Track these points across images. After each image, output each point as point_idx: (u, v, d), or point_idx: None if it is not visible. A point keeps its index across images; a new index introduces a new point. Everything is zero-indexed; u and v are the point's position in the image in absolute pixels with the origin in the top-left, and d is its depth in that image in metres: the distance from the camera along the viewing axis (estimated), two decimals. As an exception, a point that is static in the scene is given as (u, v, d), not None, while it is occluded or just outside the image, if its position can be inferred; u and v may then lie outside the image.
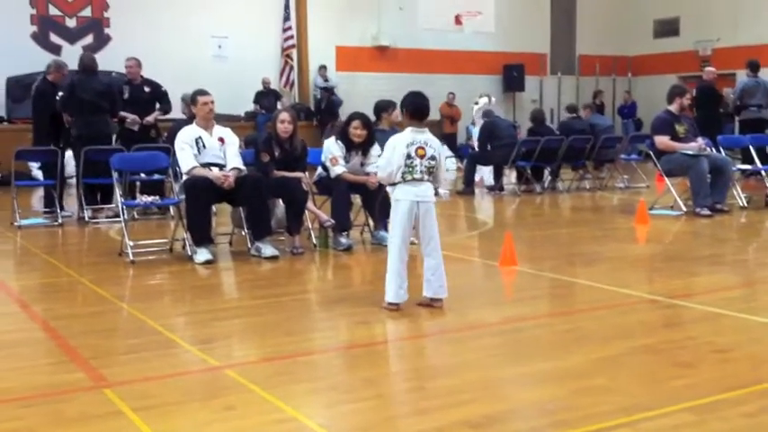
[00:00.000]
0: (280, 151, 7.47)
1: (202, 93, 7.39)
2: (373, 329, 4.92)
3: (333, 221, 7.49)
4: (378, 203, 7.55)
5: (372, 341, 4.72)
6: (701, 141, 9.69)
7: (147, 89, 10.55)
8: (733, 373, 3.90)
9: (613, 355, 4.21)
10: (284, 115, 7.55)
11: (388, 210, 7.66)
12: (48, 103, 9.79)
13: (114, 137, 10.32)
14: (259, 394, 3.68)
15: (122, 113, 10.20)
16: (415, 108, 5.23)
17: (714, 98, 14.49)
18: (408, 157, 5.09)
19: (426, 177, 5.15)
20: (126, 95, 10.37)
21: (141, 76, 10.64)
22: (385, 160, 5.21)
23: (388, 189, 5.30)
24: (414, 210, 5.14)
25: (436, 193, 5.38)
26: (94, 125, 9.72)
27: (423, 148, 5.12)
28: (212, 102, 7.34)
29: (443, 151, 5.40)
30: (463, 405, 3.52)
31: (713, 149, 10.02)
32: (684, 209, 9.63)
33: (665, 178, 9.92)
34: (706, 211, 9.29)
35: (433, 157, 5.15)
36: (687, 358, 4.15)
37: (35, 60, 16.44)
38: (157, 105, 10.56)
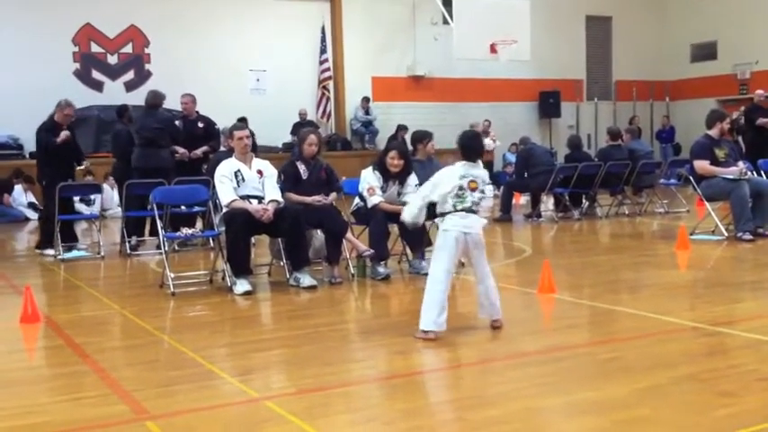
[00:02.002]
0: (309, 173, 7.59)
1: (239, 127, 7.52)
2: (412, 359, 4.91)
3: (372, 251, 7.51)
4: (415, 234, 7.60)
5: (411, 371, 4.71)
6: (741, 165, 9.58)
7: (200, 125, 10.76)
8: (779, 402, 3.84)
9: (656, 384, 4.15)
10: (313, 138, 7.74)
11: (424, 239, 7.73)
12: (46, 141, 9.91)
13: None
14: (298, 425, 3.69)
15: (174, 147, 10.40)
16: (471, 149, 5.41)
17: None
18: (461, 188, 5.27)
19: (475, 209, 5.30)
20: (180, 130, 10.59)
21: (197, 112, 10.85)
22: (419, 196, 5.46)
23: (437, 220, 5.40)
24: (461, 240, 5.24)
25: None
26: (153, 157, 9.94)
27: (475, 182, 5.30)
28: (248, 136, 7.46)
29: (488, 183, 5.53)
30: (503, 436, 3.49)
31: (754, 173, 9.90)
32: (726, 234, 9.50)
33: (706, 203, 9.81)
34: (748, 236, 9.16)
35: (482, 191, 5.39)
36: (731, 387, 4.08)
37: (78, 97, 16.71)
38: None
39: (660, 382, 4.19)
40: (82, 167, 10.35)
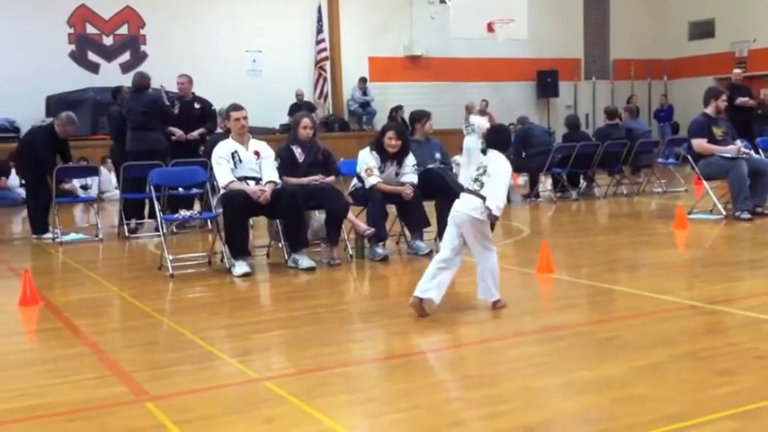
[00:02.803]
0: (305, 155, 7.59)
1: (235, 108, 7.48)
2: (411, 340, 4.92)
3: (373, 230, 7.49)
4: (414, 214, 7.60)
5: (410, 351, 4.72)
6: (739, 144, 9.57)
7: (197, 106, 10.68)
8: (777, 380, 3.85)
9: (654, 363, 4.16)
10: (307, 121, 7.71)
11: (425, 220, 7.73)
12: (42, 148, 9.86)
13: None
14: (298, 406, 3.70)
15: (170, 128, 10.35)
16: (503, 143, 5.54)
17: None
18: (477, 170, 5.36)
19: (474, 188, 5.26)
20: (176, 111, 10.52)
21: (192, 93, 10.78)
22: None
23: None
24: (454, 220, 5.30)
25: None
26: (144, 140, 9.91)
27: (482, 166, 5.34)
28: (245, 117, 7.42)
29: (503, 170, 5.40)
30: (503, 415, 3.51)
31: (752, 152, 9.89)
32: (724, 213, 9.50)
33: (704, 182, 9.80)
34: (746, 215, 9.16)
35: (483, 170, 5.30)
36: (729, 365, 4.10)
37: (74, 79, 16.85)
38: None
39: (658, 360, 4.20)
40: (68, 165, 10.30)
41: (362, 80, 19.78)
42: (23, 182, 10.03)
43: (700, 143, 9.64)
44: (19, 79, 15.99)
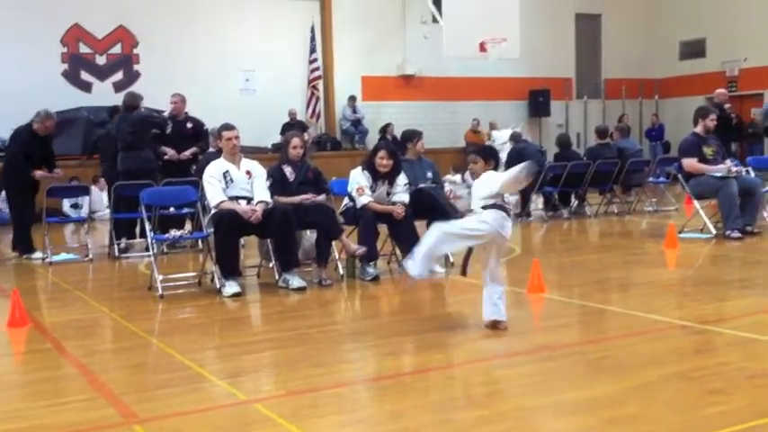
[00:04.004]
0: (296, 175, 7.62)
1: (227, 127, 7.48)
2: (401, 360, 4.91)
3: (365, 249, 7.47)
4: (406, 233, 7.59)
5: (401, 372, 4.71)
6: (729, 163, 9.61)
7: (189, 125, 10.68)
8: (767, 399, 3.84)
9: (645, 383, 4.16)
10: (297, 141, 7.73)
11: (416, 239, 7.72)
12: (21, 146, 9.90)
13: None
14: (287, 428, 3.68)
15: (162, 148, 10.35)
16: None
17: (725, 120, 14.34)
18: None
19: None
20: (169, 131, 10.51)
21: (185, 113, 10.79)
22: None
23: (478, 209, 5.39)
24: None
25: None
26: (134, 159, 9.91)
27: None
28: (237, 137, 7.43)
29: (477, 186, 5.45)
30: (492, 437, 3.49)
31: (749, 171, 9.94)
32: (714, 232, 9.52)
33: (694, 201, 9.83)
34: (736, 234, 9.18)
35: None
36: (720, 385, 4.10)
37: (66, 98, 16.82)
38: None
39: (649, 380, 4.20)
40: (56, 174, 10.26)
41: (352, 98, 19.83)
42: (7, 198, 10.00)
43: (690, 162, 9.67)
44: (11, 98, 15.93)
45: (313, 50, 19.63)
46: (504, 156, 14.79)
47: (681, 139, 10.28)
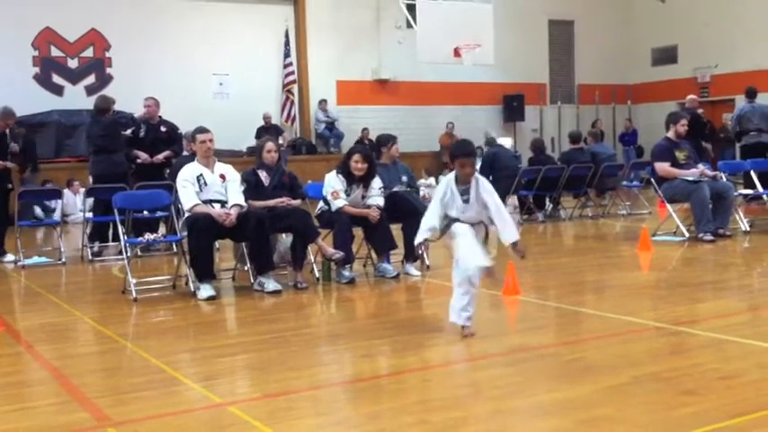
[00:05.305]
0: (271, 179, 7.62)
1: (201, 131, 7.45)
2: (377, 363, 4.90)
3: (342, 254, 7.46)
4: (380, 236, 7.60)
5: (376, 374, 4.70)
6: (701, 167, 9.71)
7: (163, 129, 10.62)
8: (739, 400, 3.88)
9: (619, 384, 4.18)
10: (271, 145, 7.74)
11: (391, 242, 7.73)
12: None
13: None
14: (262, 431, 3.66)
15: (135, 152, 10.27)
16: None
17: (698, 125, 14.51)
18: None
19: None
20: (142, 134, 10.44)
21: (159, 117, 10.72)
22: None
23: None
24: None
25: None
26: (105, 163, 9.83)
27: None
28: (211, 140, 7.40)
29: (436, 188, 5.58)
30: (468, 438, 3.50)
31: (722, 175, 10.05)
32: (687, 235, 9.61)
33: (667, 204, 9.92)
34: (709, 237, 9.28)
35: None
36: (693, 386, 4.13)
37: (38, 102, 16.67)
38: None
39: (623, 381, 4.22)
40: (36, 173, 10.17)
41: (323, 101, 19.84)
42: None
43: (663, 167, 9.76)
44: (-18, 101, 15.78)
45: (288, 54, 19.61)
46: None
47: (653, 144, 10.38)
